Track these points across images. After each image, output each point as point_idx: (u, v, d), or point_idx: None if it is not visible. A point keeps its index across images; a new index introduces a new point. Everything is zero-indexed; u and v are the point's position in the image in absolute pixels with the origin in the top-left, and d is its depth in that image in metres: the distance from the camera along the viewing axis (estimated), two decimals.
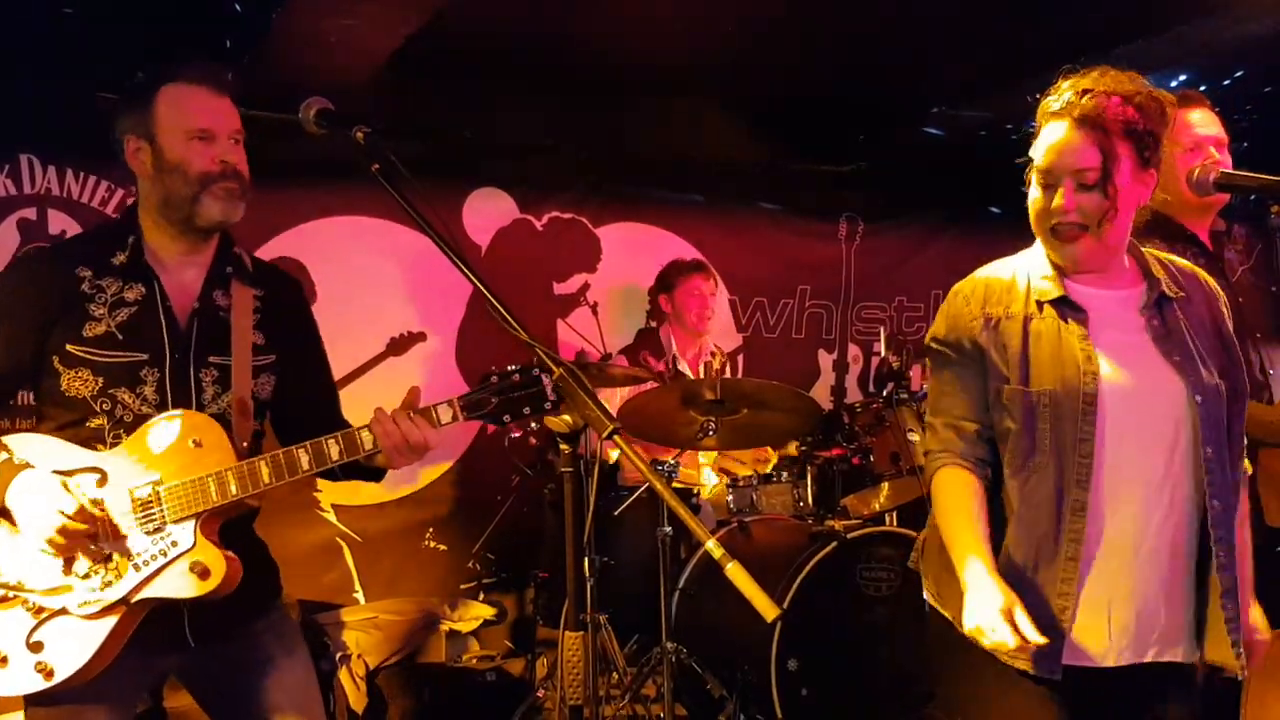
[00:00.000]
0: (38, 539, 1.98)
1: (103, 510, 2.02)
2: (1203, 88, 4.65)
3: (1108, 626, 1.96)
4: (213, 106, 2.17)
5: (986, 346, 2.04)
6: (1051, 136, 2.01)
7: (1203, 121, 2.66)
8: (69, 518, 1.95)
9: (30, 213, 4.16)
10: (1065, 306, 2.04)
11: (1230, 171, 2.46)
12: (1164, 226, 2.56)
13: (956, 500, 2.03)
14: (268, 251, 4.59)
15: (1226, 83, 4.77)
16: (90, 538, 2.00)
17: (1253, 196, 2.59)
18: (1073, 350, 1.99)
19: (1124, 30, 4.22)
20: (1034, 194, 2.05)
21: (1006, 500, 2.02)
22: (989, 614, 1.85)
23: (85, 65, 4.10)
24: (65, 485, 1.99)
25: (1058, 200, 2.00)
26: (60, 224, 4.19)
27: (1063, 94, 2.01)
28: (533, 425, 2.20)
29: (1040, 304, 2.04)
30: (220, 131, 2.16)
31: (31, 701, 2.06)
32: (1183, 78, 4.66)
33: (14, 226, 4.13)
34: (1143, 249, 2.12)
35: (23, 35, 4.01)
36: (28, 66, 4.03)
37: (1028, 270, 2.10)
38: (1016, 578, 1.94)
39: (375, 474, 2.27)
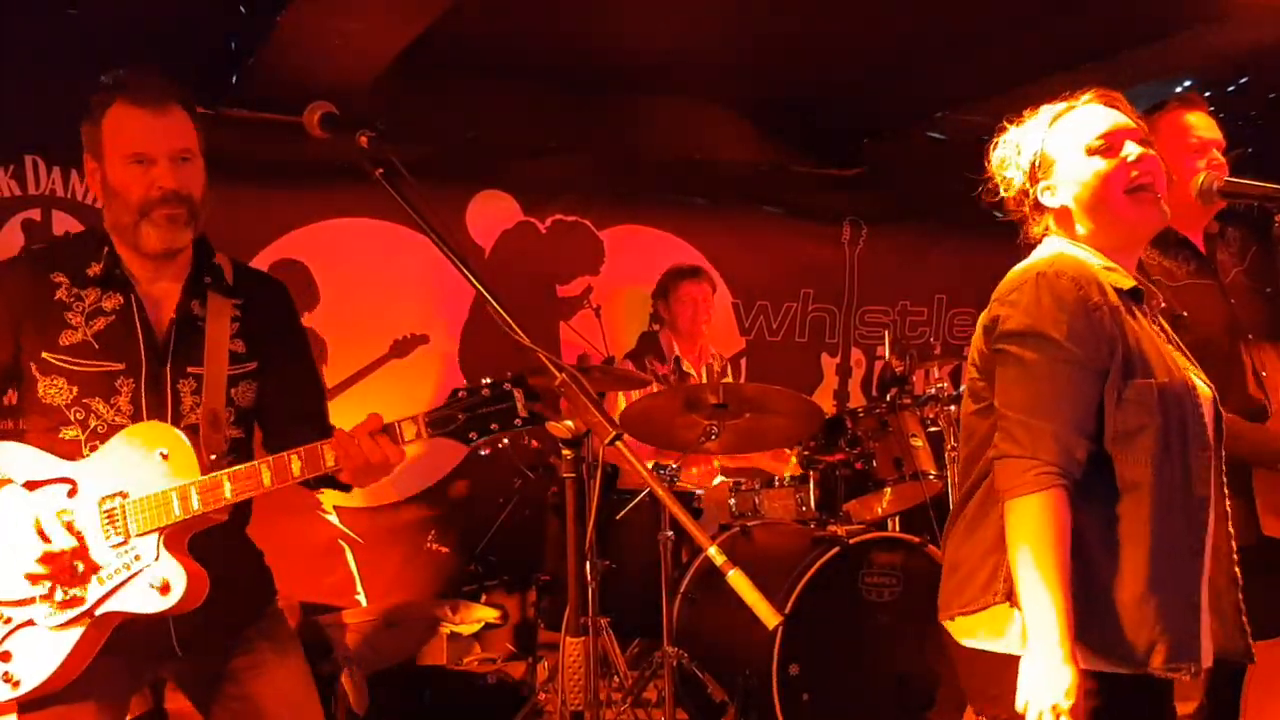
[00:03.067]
0: (20, 565, 2.00)
1: (72, 525, 2.02)
2: (1206, 94, 4.65)
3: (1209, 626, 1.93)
4: (151, 128, 2.07)
5: (1115, 338, 1.86)
6: (1092, 113, 1.99)
7: (1202, 124, 2.65)
8: (45, 553, 1.98)
9: (35, 214, 4.18)
10: (1136, 298, 1.96)
11: (1234, 180, 2.45)
12: (1159, 233, 2.56)
13: (1062, 539, 1.79)
14: (272, 253, 4.60)
15: (1230, 89, 4.77)
16: (70, 563, 2.00)
17: (1255, 204, 2.59)
18: (1163, 343, 1.93)
19: (1127, 37, 4.23)
20: (1093, 165, 1.96)
21: (1130, 509, 1.84)
22: (1055, 698, 1.74)
23: (89, 67, 4.10)
24: (39, 522, 2.00)
25: (1135, 153, 1.95)
26: (64, 225, 4.20)
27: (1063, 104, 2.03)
28: (503, 443, 2.10)
29: (1119, 293, 1.92)
30: (159, 154, 2.07)
31: (22, 708, 2.05)
32: (1186, 83, 4.66)
33: (18, 227, 4.15)
34: None
35: (27, 36, 4.02)
36: (32, 67, 4.04)
37: (1085, 261, 1.96)
38: (1154, 583, 1.82)
39: (345, 485, 2.20)
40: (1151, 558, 1.83)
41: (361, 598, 4.75)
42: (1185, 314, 2.26)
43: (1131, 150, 1.97)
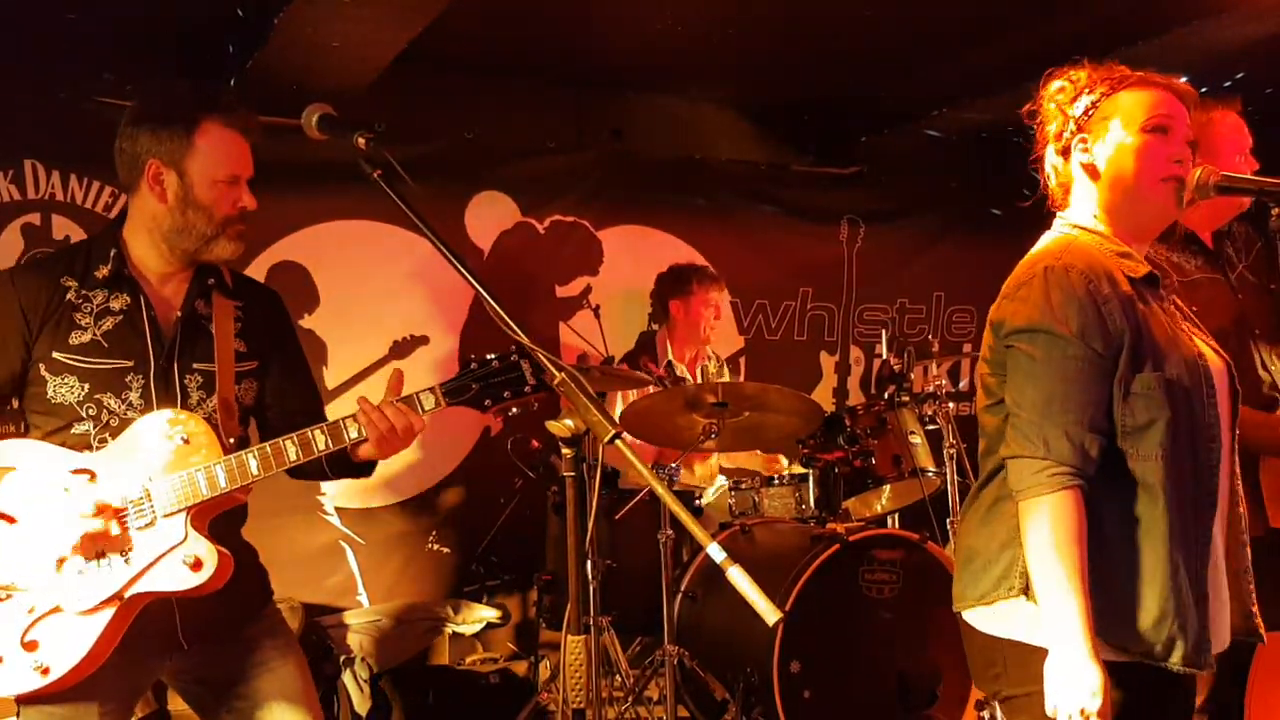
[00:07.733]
0: (62, 546, 2.02)
1: (99, 511, 2.04)
2: (1203, 89, 4.65)
3: (1222, 614, 1.93)
4: (243, 151, 2.22)
5: (1125, 331, 1.84)
6: (1162, 96, 1.97)
7: (1244, 129, 2.69)
8: (90, 517, 2.01)
9: (34, 218, 4.18)
10: (1151, 285, 1.95)
11: (1232, 175, 2.46)
12: (1168, 229, 2.56)
13: (1078, 538, 1.78)
14: (271, 255, 4.60)
15: (1227, 84, 4.78)
16: (98, 546, 2.03)
17: (1253, 199, 2.60)
18: (1176, 330, 1.92)
19: (1125, 32, 4.23)
20: (1142, 141, 1.94)
21: (1147, 506, 1.84)
22: (1083, 700, 1.73)
23: (89, 70, 4.12)
24: (67, 489, 2.03)
25: (1182, 146, 1.93)
26: (64, 229, 4.20)
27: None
28: (514, 410, 2.22)
29: (1132, 281, 1.91)
30: (244, 175, 2.21)
31: (24, 703, 2.07)
32: (1184, 79, 4.66)
33: (18, 231, 4.15)
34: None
35: (27, 40, 4.03)
36: (32, 71, 4.05)
37: (1097, 246, 1.94)
38: (1172, 580, 1.82)
39: (364, 469, 2.31)
40: (1169, 555, 1.82)
41: (363, 598, 4.75)
42: (1195, 308, 2.27)
43: (1182, 144, 1.97)
